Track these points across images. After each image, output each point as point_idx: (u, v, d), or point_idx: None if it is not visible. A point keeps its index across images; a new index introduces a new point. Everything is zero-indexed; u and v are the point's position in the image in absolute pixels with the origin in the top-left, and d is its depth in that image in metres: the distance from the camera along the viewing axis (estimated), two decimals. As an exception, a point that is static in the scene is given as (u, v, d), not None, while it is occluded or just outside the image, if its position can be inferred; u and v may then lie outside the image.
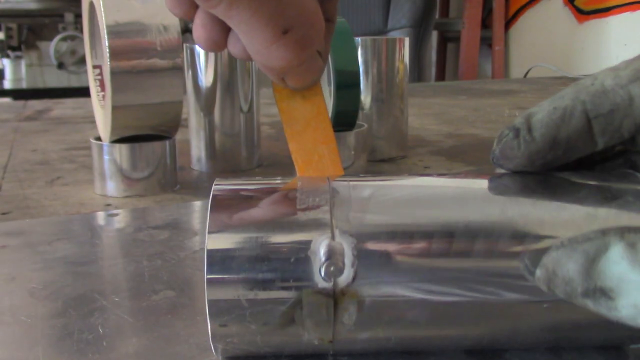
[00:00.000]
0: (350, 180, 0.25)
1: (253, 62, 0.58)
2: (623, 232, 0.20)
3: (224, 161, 0.59)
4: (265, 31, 0.26)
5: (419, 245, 0.22)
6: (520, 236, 0.22)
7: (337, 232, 0.23)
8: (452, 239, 0.22)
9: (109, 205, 0.49)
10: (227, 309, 0.22)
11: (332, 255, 0.22)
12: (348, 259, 0.22)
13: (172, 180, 0.53)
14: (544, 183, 0.24)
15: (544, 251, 0.21)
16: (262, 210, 0.23)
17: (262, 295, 0.22)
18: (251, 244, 0.22)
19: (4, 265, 0.36)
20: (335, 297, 0.22)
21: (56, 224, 0.43)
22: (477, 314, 0.23)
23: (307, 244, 0.22)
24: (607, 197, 0.23)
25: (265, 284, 0.22)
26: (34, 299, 0.31)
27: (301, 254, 0.22)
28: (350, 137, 0.54)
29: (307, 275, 0.22)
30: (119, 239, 0.41)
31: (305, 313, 0.22)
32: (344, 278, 0.22)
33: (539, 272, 0.21)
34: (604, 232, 0.20)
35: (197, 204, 0.48)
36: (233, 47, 0.28)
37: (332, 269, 0.22)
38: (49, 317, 0.29)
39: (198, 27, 0.28)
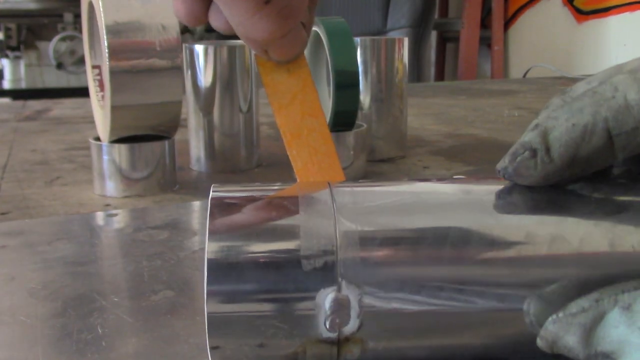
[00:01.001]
0: (357, 197, 0.24)
1: (253, 63, 0.58)
2: (617, 294, 0.20)
3: (223, 161, 0.59)
4: (247, 1, 0.25)
5: (428, 293, 0.22)
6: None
7: (343, 284, 0.22)
8: (465, 289, 0.22)
9: (108, 205, 0.49)
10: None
11: (338, 308, 0.22)
12: (354, 310, 0.22)
13: (172, 181, 0.53)
14: (553, 198, 0.24)
15: (547, 299, 0.21)
16: (261, 244, 0.22)
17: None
18: (252, 294, 0.21)
19: (3, 265, 0.36)
20: (339, 344, 0.22)
21: (55, 224, 0.43)
22: (483, 349, 0.23)
23: (312, 297, 0.21)
24: (613, 211, 0.23)
25: (270, 335, 0.22)
26: (34, 299, 0.31)
27: (306, 311, 0.21)
28: (350, 137, 0.54)
29: (312, 329, 0.22)
30: (118, 239, 0.41)
31: (308, 356, 0.22)
32: (349, 328, 0.22)
33: (539, 342, 0.21)
34: (598, 300, 0.20)
35: (197, 204, 0.48)
36: (214, 20, 0.28)
37: (337, 321, 0.22)
38: (49, 317, 0.29)
39: (178, 2, 0.28)
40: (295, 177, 0.28)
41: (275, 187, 0.25)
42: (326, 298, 0.22)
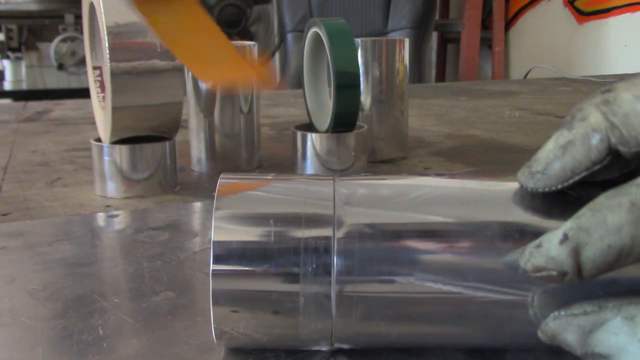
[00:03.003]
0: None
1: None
2: (622, 304, 0.20)
3: (224, 162, 0.59)
4: None
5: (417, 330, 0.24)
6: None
7: (337, 322, 0.24)
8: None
9: (109, 206, 0.49)
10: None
11: (331, 338, 0.24)
12: (346, 338, 0.24)
13: (172, 182, 0.53)
14: (562, 201, 0.24)
15: (552, 294, 0.22)
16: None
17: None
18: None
19: (4, 266, 0.36)
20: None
21: (56, 225, 0.43)
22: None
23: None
24: None
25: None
26: (34, 300, 0.31)
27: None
28: (350, 138, 0.54)
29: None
30: (119, 240, 0.41)
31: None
32: (342, 342, 0.24)
33: (540, 334, 0.22)
34: (601, 306, 0.20)
35: (197, 205, 0.48)
36: None
37: (329, 341, 0.24)
38: (49, 318, 0.29)
39: None
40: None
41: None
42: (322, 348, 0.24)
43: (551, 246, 0.20)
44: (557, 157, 0.23)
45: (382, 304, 0.23)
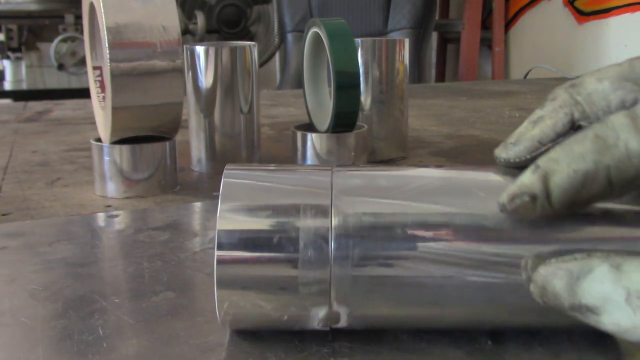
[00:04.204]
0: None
1: (254, 64, 0.58)
2: (609, 254, 0.21)
3: (224, 162, 0.59)
4: None
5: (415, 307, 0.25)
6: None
7: (334, 303, 0.24)
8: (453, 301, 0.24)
9: (109, 206, 0.49)
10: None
11: (329, 319, 0.25)
12: (343, 319, 0.25)
13: (173, 182, 0.53)
14: None
15: (544, 257, 0.22)
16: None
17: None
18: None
19: (4, 266, 0.36)
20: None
21: (56, 225, 0.43)
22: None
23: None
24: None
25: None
26: (34, 300, 0.31)
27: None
28: (350, 138, 0.54)
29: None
30: (119, 240, 0.41)
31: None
32: (339, 323, 0.25)
33: (531, 287, 0.22)
34: (590, 255, 0.21)
35: (198, 205, 0.48)
36: None
37: (328, 322, 0.25)
38: (49, 318, 0.29)
39: None
40: None
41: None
42: (319, 311, 0.24)
43: (524, 176, 0.22)
44: (527, 130, 0.26)
45: (377, 287, 0.24)
